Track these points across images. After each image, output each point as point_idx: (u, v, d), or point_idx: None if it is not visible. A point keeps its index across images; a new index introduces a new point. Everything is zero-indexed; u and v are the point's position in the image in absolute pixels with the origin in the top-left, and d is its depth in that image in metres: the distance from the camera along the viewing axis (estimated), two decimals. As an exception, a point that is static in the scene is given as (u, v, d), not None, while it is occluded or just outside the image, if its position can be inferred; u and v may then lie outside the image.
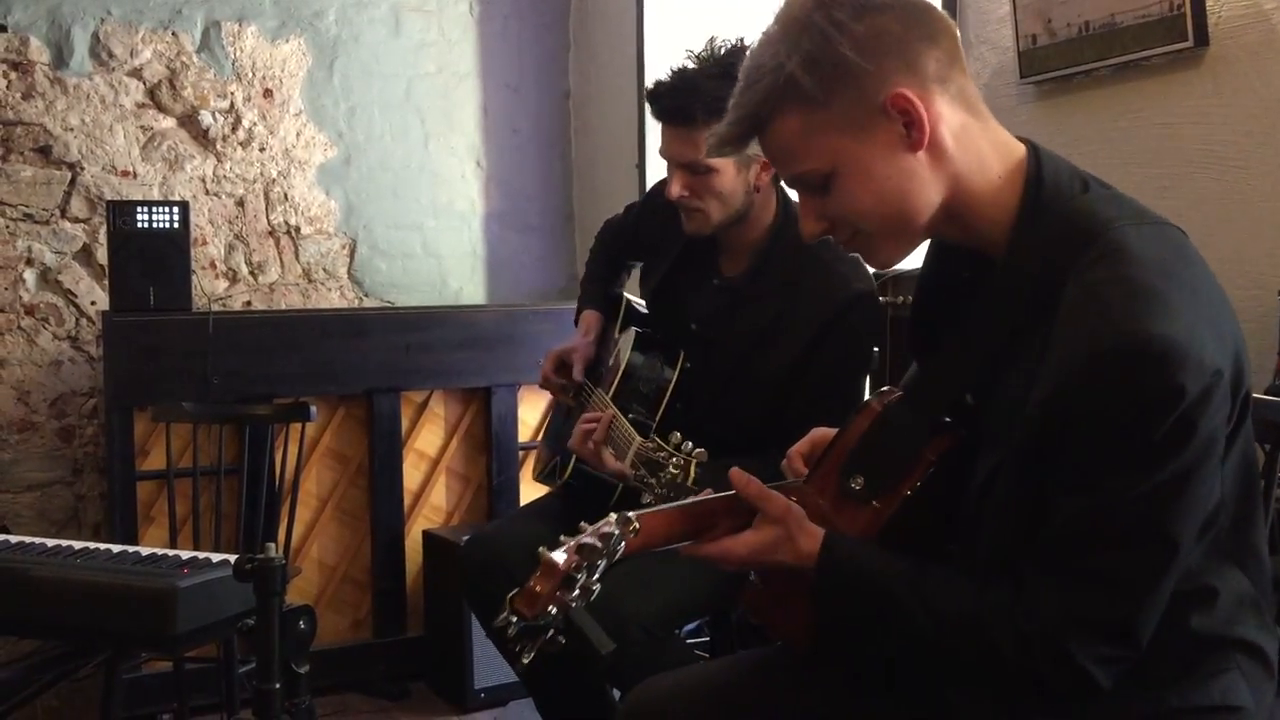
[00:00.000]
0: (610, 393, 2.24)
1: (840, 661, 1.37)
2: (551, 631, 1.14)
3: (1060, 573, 1.14)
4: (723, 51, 2.07)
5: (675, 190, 2.11)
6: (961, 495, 1.25)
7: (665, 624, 2.07)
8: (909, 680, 1.31)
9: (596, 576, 1.18)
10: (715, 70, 2.01)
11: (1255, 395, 1.34)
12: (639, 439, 1.95)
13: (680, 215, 2.19)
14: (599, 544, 1.17)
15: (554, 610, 1.14)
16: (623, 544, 1.20)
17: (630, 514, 1.22)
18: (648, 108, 2.15)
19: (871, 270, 2.15)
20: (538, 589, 1.13)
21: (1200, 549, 1.17)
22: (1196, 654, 1.19)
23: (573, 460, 2.25)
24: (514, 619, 1.13)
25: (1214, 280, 1.20)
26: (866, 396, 1.60)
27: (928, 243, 1.34)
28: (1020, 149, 1.24)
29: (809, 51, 1.16)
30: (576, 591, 1.15)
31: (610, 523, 1.20)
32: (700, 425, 2.02)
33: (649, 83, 2.15)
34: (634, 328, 2.36)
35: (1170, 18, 2.19)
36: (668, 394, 2.20)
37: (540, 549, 1.17)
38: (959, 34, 1.24)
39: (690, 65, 2.07)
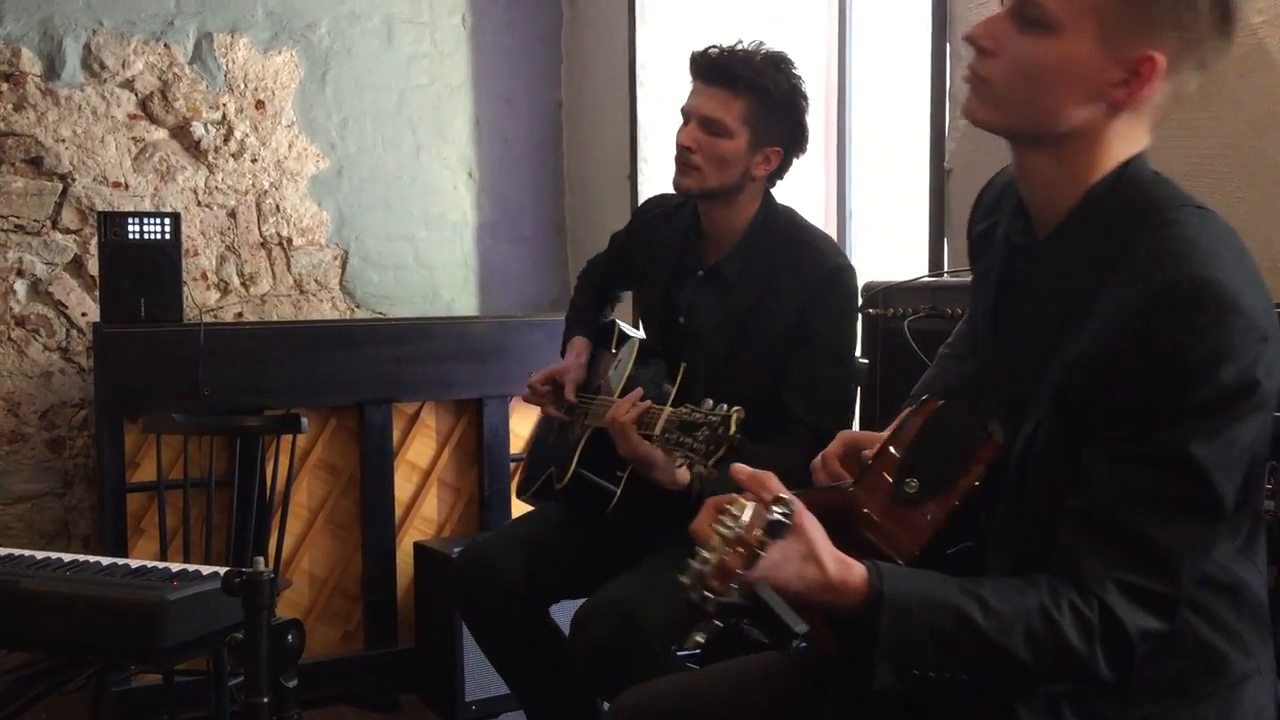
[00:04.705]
0: (617, 394, 2.25)
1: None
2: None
3: (1114, 540, 1.11)
4: (771, 50, 2.21)
5: (684, 138, 2.20)
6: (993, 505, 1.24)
7: (670, 638, 2.07)
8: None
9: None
10: (763, 61, 2.18)
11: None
12: (669, 408, 1.97)
13: (663, 219, 2.35)
14: (782, 519, 1.10)
15: (738, 587, 1.07)
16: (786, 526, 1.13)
17: (785, 496, 1.14)
18: (690, 65, 2.25)
19: (861, 285, 2.29)
20: (730, 563, 1.07)
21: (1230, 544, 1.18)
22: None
23: (572, 467, 2.26)
24: (709, 595, 1.06)
25: (1257, 268, 1.22)
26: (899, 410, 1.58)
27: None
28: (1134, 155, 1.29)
29: None
30: (756, 570, 1.08)
31: (780, 502, 1.13)
32: None
33: (699, 46, 2.26)
34: (638, 338, 2.40)
35: (1158, 32, 2.20)
36: (672, 395, 2.21)
37: (718, 528, 1.10)
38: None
39: (743, 45, 2.22)
